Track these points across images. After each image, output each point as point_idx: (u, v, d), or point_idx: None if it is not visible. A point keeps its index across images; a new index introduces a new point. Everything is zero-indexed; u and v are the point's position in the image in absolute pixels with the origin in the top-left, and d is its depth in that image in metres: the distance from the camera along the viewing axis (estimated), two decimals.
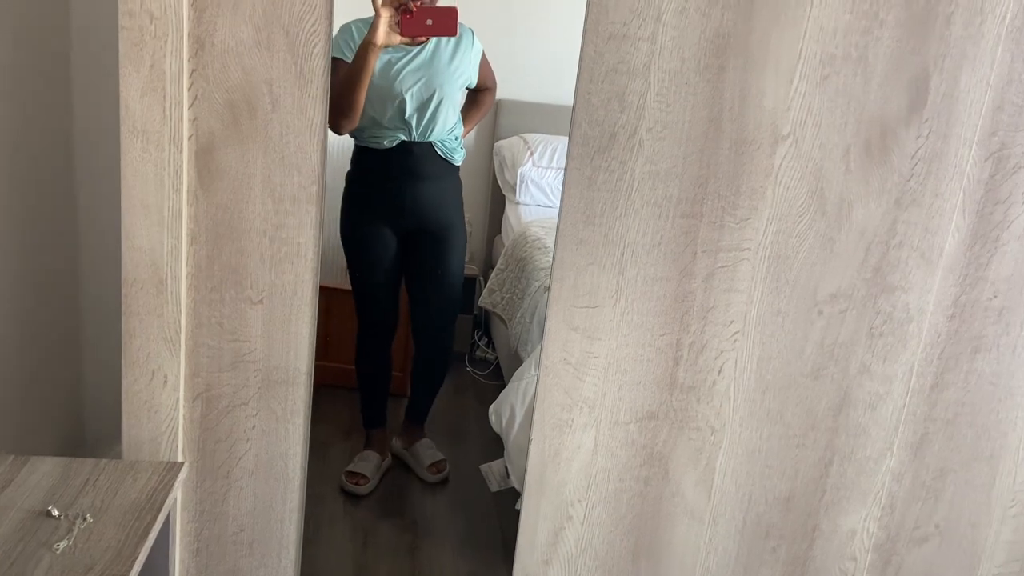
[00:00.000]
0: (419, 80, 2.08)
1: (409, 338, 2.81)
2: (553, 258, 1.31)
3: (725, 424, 1.39)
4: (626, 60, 1.21)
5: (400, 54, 2.07)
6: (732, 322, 1.34)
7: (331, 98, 1.98)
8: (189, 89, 1.15)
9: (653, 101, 1.23)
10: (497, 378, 3.17)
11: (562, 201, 1.28)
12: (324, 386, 2.86)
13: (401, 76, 2.06)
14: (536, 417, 1.37)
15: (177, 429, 1.27)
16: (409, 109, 2.07)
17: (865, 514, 1.45)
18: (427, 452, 2.47)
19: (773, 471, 1.42)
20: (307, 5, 1.14)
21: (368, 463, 2.33)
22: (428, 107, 2.09)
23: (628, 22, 1.20)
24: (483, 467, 2.43)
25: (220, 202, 1.21)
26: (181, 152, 1.16)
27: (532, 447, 1.38)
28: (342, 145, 3.10)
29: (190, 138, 1.17)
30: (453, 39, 2.14)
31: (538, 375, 1.36)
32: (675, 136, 1.25)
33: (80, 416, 1.90)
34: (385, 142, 2.10)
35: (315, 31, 1.15)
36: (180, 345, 1.24)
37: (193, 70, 1.15)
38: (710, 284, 1.32)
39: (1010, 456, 1.44)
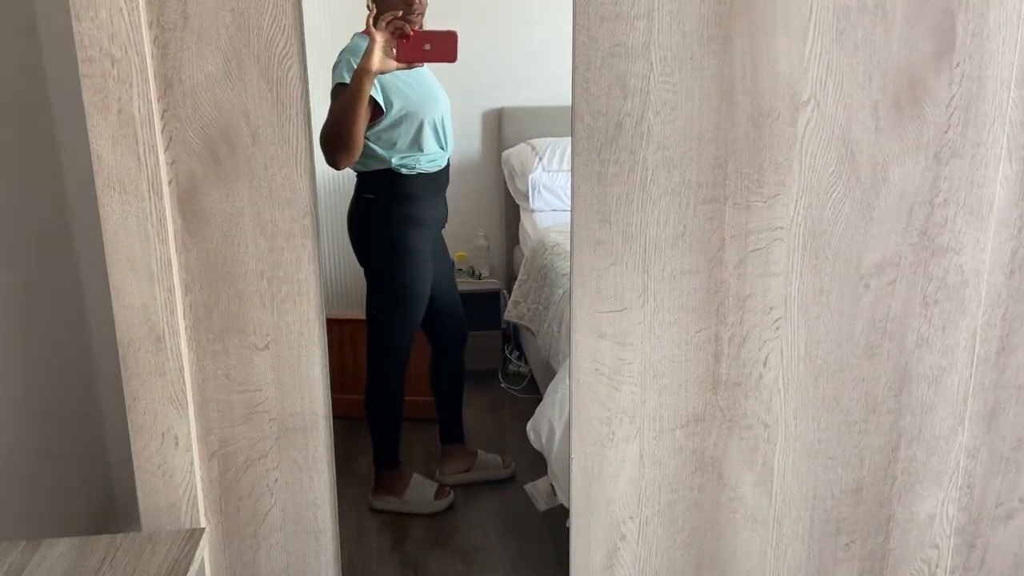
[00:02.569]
0: (440, 98, 2.10)
1: (420, 362, 2.75)
2: (571, 263, 1.22)
3: (778, 418, 1.29)
4: (623, 42, 1.12)
5: (414, 75, 2.05)
6: (772, 308, 1.24)
7: (326, 127, 1.95)
8: (163, 131, 1.08)
9: (658, 82, 1.14)
10: (533, 391, 3.09)
11: (573, 201, 1.19)
12: (352, 419, 2.79)
13: (431, 96, 2.05)
14: (574, 434, 1.27)
15: (195, 492, 1.19)
16: (447, 127, 2.11)
17: (942, 497, 1.34)
18: (493, 458, 2.46)
19: (837, 462, 1.31)
20: (276, 26, 1.06)
21: (427, 485, 2.29)
22: (447, 122, 2.13)
23: (619, 1, 1.11)
24: (528, 487, 2.34)
25: (210, 247, 1.13)
26: (162, 199, 1.09)
27: (573, 466, 1.28)
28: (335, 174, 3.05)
29: (170, 183, 1.10)
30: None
31: (570, 389, 1.27)
32: (686, 117, 1.16)
33: (108, 488, 1.84)
34: (433, 165, 2.10)
35: (287, 53, 1.07)
36: (187, 403, 1.16)
37: (164, 111, 1.08)
38: (743, 270, 1.22)
39: None
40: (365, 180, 2.13)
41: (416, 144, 2.05)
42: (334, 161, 1.91)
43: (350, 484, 2.45)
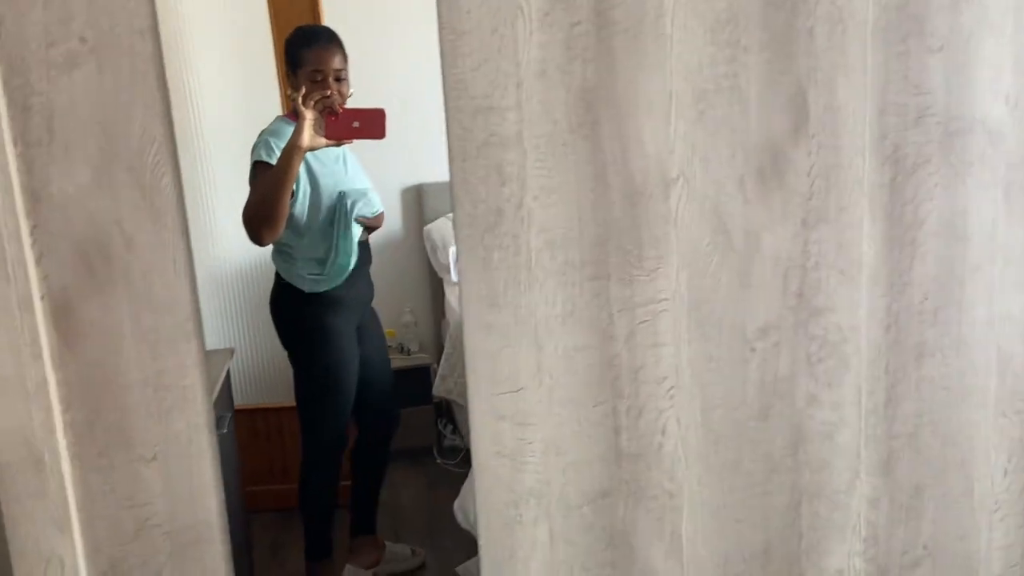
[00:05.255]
0: (360, 182, 2.09)
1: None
2: (465, 348, 1.23)
3: (682, 486, 1.30)
4: (497, 132, 1.16)
5: (333, 158, 2.06)
6: (665, 378, 1.26)
7: (253, 206, 1.95)
8: (32, 247, 1.06)
9: (533, 168, 1.18)
10: (469, 465, 3.06)
11: (461, 287, 1.21)
12: (283, 511, 2.72)
13: (349, 180, 2.05)
14: (480, 520, 1.26)
15: None
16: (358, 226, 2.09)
17: (848, 550, 1.36)
18: (400, 548, 2.40)
19: (743, 525, 1.33)
20: (146, 136, 1.07)
21: None
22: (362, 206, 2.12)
23: (490, 94, 1.15)
24: (459, 568, 2.30)
25: (90, 360, 1.11)
26: (34, 315, 1.06)
27: (482, 553, 1.27)
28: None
29: (42, 298, 1.08)
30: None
31: (474, 473, 1.26)
32: (564, 200, 1.19)
33: None
34: (339, 266, 2.08)
35: (159, 161, 1.07)
36: (72, 524, 1.12)
37: (33, 226, 1.06)
38: (633, 343, 1.25)
39: (982, 459, 1.36)
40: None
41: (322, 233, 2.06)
42: (259, 237, 1.93)
43: None
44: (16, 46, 1.02)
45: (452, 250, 3.31)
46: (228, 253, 3.10)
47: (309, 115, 1.81)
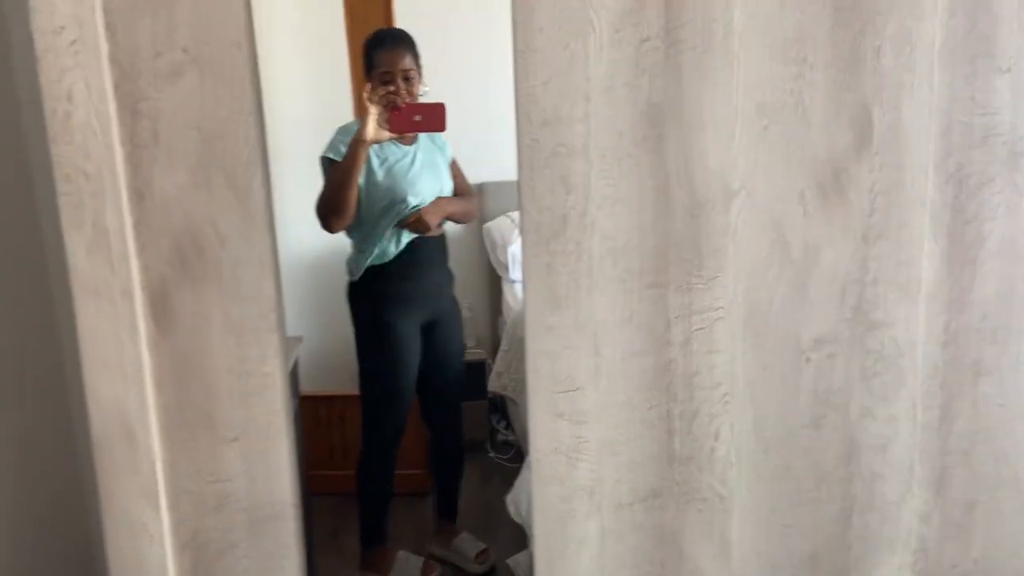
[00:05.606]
0: (429, 181, 2.15)
1: (418, 436, 2.79)
2: (526, 349, 1.28)
3: (732, 490, 1.33)
4: (564, 143, 1.21)
5: (399, 157, 2.13)
6: (719, 384, 1.30)
7: (323, 197, 2.05)
8: (135, 240, 1.16)
9: (598, 179, 1.22)
10: (521, 460, 3.12)
11: (525, 290, 1.26)
12: (343, 495, 2.82)
13: (409, 180, 2.11)
14: (536, 513, 1.32)
15: None
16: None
17: (898, 563, 1.37)
18: (469, 545, 2.46)
19: (792, 531, 1.36)
20: (240, 141, 1.15)
21: (413, 562, 2.28)
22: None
23: (559, 106, 1.20)
24: (510, 560, 2.36)
25: (180, 346, 1.20)
26: (134, 303, 1.16)
27: (536, 545, 1.32)
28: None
29: (142, 288, 1.17)
30: (433, 146, 2.22)
31: (531, 468, 1.32)
32: (627, 209, 1.24)
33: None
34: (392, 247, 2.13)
35: (251, 163, 1.16)
36: (160, 498, 1.21)
37: (136, 221, 1.16)
38: (689, 349, 1.29)
39: None
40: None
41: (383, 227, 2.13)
42: (328, 225, 2.06)
43: (338, 562, 2.47)
44: (127, 55, 1.11)
45: (511, 249, 3.37)
46: (298, 244, 3.22)
47: (373, 110, 1.91)
